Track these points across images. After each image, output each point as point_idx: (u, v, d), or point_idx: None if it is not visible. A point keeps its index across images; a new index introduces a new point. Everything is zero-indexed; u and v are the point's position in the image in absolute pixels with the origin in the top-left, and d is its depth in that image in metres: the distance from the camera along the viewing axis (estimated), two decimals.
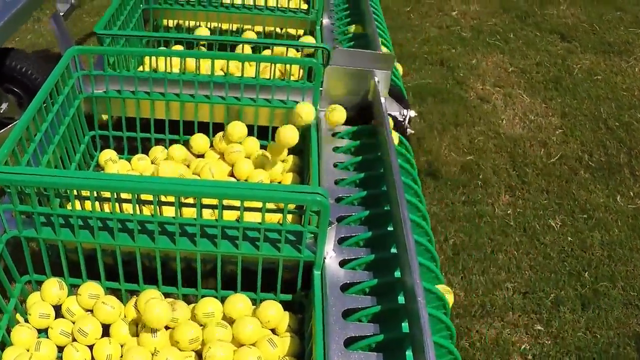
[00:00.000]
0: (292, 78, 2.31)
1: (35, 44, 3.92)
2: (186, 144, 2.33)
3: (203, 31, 2.89)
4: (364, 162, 2.05)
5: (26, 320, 1.75)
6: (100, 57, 2.37)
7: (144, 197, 1.70)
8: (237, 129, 2.24)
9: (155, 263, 1.74)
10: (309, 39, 2.80)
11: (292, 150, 2.31)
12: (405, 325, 1.54)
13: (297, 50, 2.69)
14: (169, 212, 1.72)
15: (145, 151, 2.34)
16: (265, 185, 1.69)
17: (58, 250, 1.73)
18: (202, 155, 2.32)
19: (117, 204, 1.67)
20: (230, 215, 1.79)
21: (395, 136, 2.08)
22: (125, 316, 1.78)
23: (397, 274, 1.64)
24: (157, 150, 2.31)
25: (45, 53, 3.77)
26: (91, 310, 1.76)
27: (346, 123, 2.20)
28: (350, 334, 1.53)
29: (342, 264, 1.71)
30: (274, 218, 1.80)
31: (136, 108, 2.27)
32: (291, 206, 1.86)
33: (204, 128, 2.31)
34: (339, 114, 2.15)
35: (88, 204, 1.67)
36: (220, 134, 2.29)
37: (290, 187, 1.63)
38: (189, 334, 1.66)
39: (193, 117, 2.28)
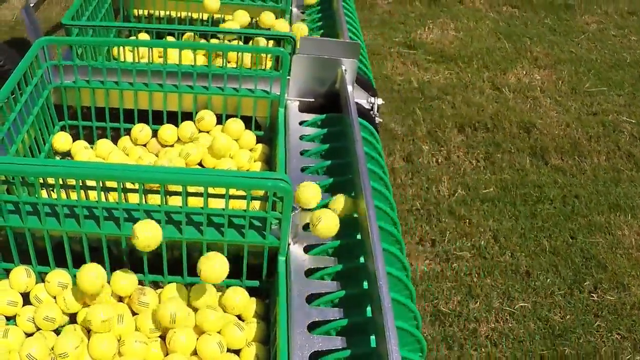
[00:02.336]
0: (260, 67, 2.33)
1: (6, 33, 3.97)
2: (156, 133, 2.34)
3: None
4: (331, 150, 2.07)
5: None
6: (69, 49, 2.37)
7: (109, 184, 1.72)
8: (206, 118, 2.26)
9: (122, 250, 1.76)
10: (281, 24, 2.80)
11: (260, 139, 2.33)
12: (369, 310, 1.56)
13: (267, 39, 2.71)
14: (136, 199, 1.74)
15: (115, 141, 2.34)
16: (229, 172, 1.70)
17: (24, 238, 1.74)
18: (171, 146, 2.33)
19: (83, 192, 1.69)
20: (197, 203, 1.80)
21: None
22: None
23: (363, 259, 1.67)
24: (126, 140, 2.32)
25: (16, 42, 3.80)
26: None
27: (315, 111, 2.22)
28: (314, 318, 1.55)
29: (307, 249, 1.73)
30: (243, 205, 1.81)
31: (105, 98, 2.28)
32: (260, 193, 1.88)
33: (173, 118, 2.33)
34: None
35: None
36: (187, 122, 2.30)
37: (253, 174, 1.65)
38: (151, 322, 1.69)
39: (162, 106, 2.30)
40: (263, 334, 1.75)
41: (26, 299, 1.79)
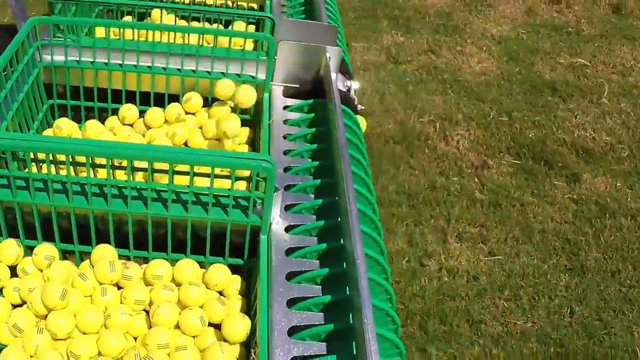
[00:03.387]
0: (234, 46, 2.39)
1: None
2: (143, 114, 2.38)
3: None
4: (313, 135, 2.12)
5: None
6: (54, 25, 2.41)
7: (98, 160, 1.77)
8: (193, 99, 2.32)
9: (109, 226, 1.81)
10: None
11: (245, 123, 2.38)
12: (347, 289, 1.62)
13: (248, 22, 2.77)
14: (121, 176, 1.79)
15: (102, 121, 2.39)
16: (215, 152, 1.76)
17: (14, 213, 1.79)
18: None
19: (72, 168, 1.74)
20: (184, 182, 1.85)
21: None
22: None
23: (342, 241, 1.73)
24: (114, 120, 2.37)
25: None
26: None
27: (298, 97, 2.28)
28: (294, 295, 1.61)
29: (288, 229, 1.79)
30: (228, 184, 1.86)
31: (94, 78, 2.32)
32: (245, 174, 1.94)
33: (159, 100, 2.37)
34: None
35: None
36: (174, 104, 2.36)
37: (238, 154, 1.70)
38: (135, 295, 1.74)
39: (149, 88, 2.35)
40: (244, 309, 1.80)
41: (13, 272, 1.84)
